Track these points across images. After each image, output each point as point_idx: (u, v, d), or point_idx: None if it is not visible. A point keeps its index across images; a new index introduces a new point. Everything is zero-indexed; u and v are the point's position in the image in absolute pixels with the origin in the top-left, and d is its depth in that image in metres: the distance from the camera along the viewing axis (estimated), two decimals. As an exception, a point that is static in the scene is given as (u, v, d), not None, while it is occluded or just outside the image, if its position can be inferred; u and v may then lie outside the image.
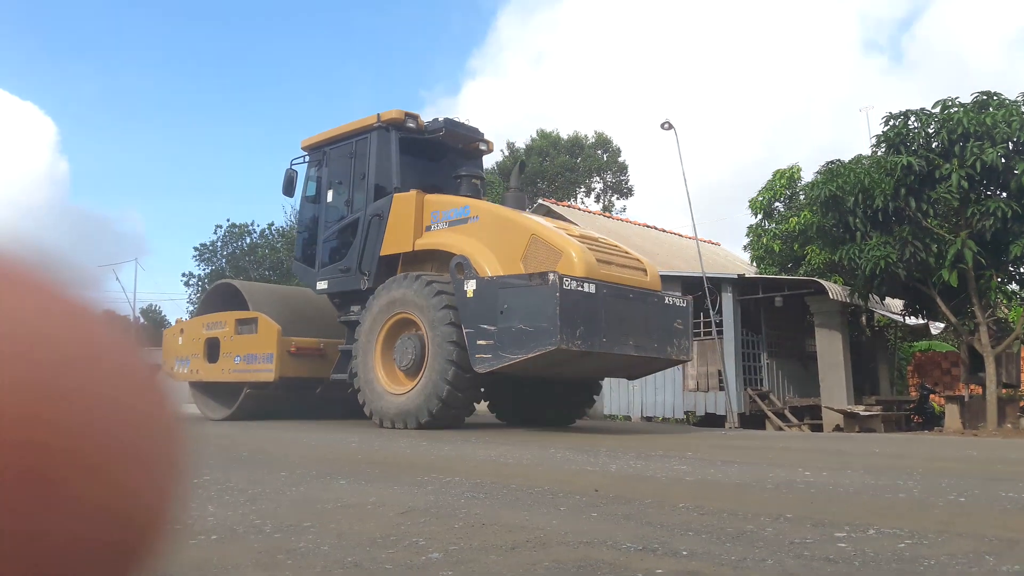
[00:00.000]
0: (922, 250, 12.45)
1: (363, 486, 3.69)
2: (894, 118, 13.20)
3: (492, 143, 10.72)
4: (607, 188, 35.68)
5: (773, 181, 17.46)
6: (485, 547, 2.36)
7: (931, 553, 2.23)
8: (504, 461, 4.88)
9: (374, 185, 9.52)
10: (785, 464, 4.73)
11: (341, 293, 9.75)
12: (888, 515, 2.86)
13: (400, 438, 6.82)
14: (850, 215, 13.21)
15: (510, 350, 7.28)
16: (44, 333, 0.26)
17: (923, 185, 12.65)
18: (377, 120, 9.64)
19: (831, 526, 2.63)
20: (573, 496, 3.31)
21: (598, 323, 7.36)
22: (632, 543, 2.38)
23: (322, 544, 2.40)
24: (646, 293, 8.17)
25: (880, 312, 15.95)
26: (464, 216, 8.61)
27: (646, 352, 7.97)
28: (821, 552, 2.26)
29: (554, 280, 7.04)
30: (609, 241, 8.94)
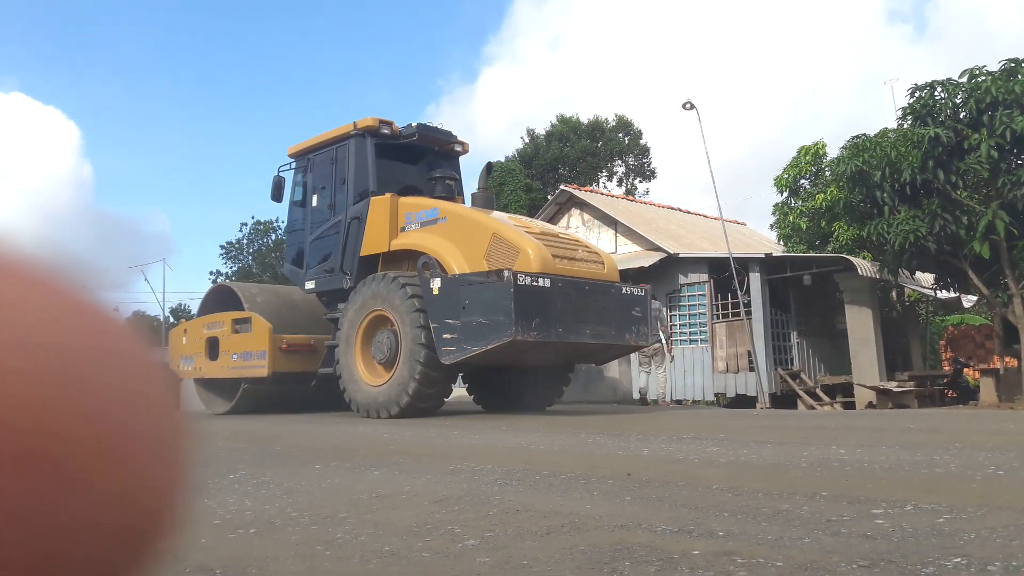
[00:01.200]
0: (952, 222, 12.25)
1: (396, 476, 3.72)
2: (920, 89, 12.97)
3: (467, 144, 11.22)
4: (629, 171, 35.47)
5: (798, 158, 17.24)
6: (520, 533, 2.37)
7: (971, 527, 2.20)
8: (534, 448, 4.90)
9: (353, 189, 10.07)
10: (818, 442, 4.70)
11: (328, 292, 10.27)
12: (925, 490, 2.83)
13: (429, 427, 6.87)
14: (877, 190, 13.02)
15: (472, 342, 7.86)
16: (54, 325, 0.26)
17: (952, 156, 12.43)
18: (354, 128, 10.18)
19: (867, 503, 2.61)
20: (605, 480, 3.31)
21: (553, 314, 7.91)
22: (667, 525, 2.38)
23: (359, 534, 2.43)
24: (603, 284, 8.70)
25: (910, 287, 15.74)
26: (434, 217, 9.17)
27: (604, 339, 8.53)
28: (858, 529, 2.24)
29: (508, 277, 7.64)
30: (571, 236, 9.63)
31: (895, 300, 16.23)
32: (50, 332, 0.26)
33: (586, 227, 18.09)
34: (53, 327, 0.26)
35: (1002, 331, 13.59)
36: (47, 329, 0.26)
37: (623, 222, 17.11)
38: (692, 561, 1.97)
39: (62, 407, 0.25)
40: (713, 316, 15.25)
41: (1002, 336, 13.66)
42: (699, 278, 15.49)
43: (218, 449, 5.26)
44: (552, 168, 32.57)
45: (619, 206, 18.87)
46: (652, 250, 16.06)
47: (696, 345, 15.41)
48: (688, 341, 15.56)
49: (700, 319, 15.43)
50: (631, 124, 35.51)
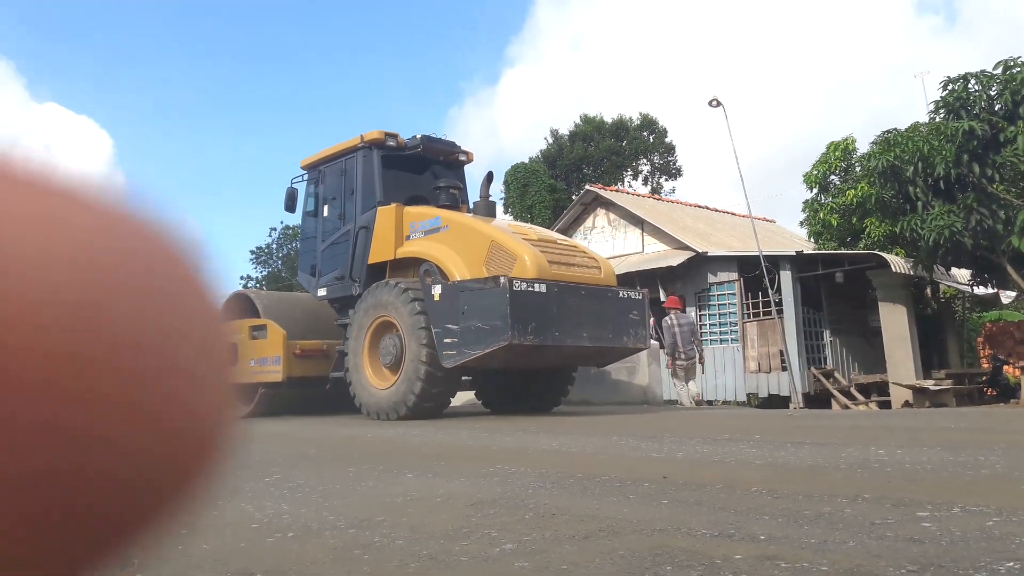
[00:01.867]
0: (989, 217, 12.03)
1: (430, 479, 3.72)
2: (953, 82, 12.76)
3: (472, 154, 11.46)
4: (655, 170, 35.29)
5: (827, 154, 17.03)
6: (558, 537, 2.35)
7: (1023, 531, 2.14)
8: (568, 451, 4.87)
9: (361, 199, 10.42)
10: (857, 443, 4.62)
11: (338, 299, 10.60)
12: (972, 492, 2.77)
13: (460, 430, 6.86)
14: (910, 185, 12.83)
15: (471, 346, 8.13)
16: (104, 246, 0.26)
17: (987, 149, 12.20)
18: (360, 141, 10.57)
19: (912, 505, 2.56)
20: (641, 484, 3.28)
21: (549, 318, 8.14)
22: (707, 529, 2.35)
23: (396, 538, 2.42)
24: (600, 289, 8.93)
25: (946, 283, 15.48)
26: (437, 226, 9.48)
27: (601, 342, 8.75)
28: (904, 532, 2.19)
29: (504, 283, 7.91)
30: (569, 242, 9.88)
31: (930, 297, 15.97)
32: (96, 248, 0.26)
33: (612, 227, 18.02)
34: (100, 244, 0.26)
35: (1042, 327, 13.31)
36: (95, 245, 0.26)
37: (649, 221, 17.02)
38: (735, 565, 1.94)
39: (101, 328, 0.25)
40: (743, 315, 15.11)
41: (1042, 332, 13.38)
42: (728, 277, 15.36)
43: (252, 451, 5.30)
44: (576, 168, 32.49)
45: (645, 205, 18.77)
46: (680, 249, 15.96)
47: (727, 345, 15.28)
48: (718, 341, 15.43)
49: (730, 318, 15.29)
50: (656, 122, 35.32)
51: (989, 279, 14.02)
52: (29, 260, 0.24)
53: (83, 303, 0.25)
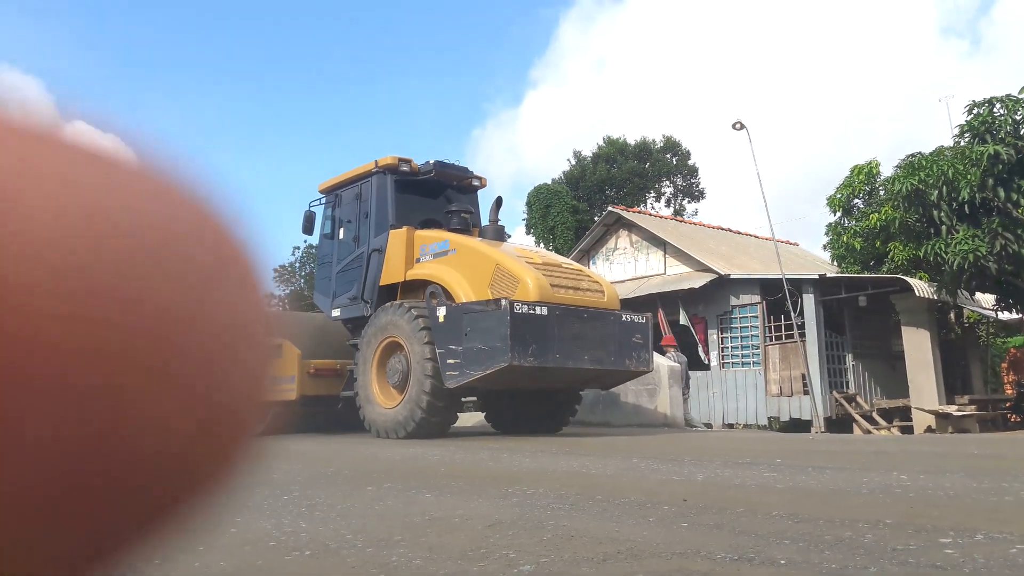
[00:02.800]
0: (1014, 241, 11.91)
1: (448, 499, 3.72)
2: (978, 106, 12.69)
3: (484, 179, 11.69)
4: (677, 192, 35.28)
5: (851, 177, 16.95)
6: (576, 559, 2.35)
7: (1047, 559, 2.11)
8: (587, 472, 4.85)
9: (375, 223, 10.69)
10: (879, 468, 4.57)
11: (351, 319, 10.83)
12: (995, 519, 2.73)
13: (480, 450, 6.86)
14: (934, 209, 12.74)
15: (472, 367, 8.27)
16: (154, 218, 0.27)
17: (1012, 174, 12.10)
18: (375, 166, 10.85)
19: (934, 531, 2.53)
20: (661, 506, 3.26)
21: (551, 341, 8.28)
22: (727, 553, 2.33)
23: (414, 558, 2.43)
24: (602, 312, 9.07)
25: (970, 308, 15.30)
26: (445, 249, 9.71)
27: (603, 365, 8.87)
28: (927, 559, 2.17)
29: (506, 305, 8.06)
30: (574, 266, 9.99)
31: (953, 322, 15.79)
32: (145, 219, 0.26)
33: (634, 248, 18.00)
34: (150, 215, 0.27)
35: (1069, 353, 13.11)
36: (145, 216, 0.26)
37: (672, 243, 16.99)
38: (754, 590, 1.93)
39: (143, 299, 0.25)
40: (766, 338, 15.00)
41: (1069, 359, 13.17)
42: (751, 299, 15.28)
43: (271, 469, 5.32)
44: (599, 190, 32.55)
45: (667, 227, 18.74)
46: (702, 271, 15.90)
47: (748, 368, 15.17)
48: (740, 364, 15.33)
49: (752, 341, 15.19)
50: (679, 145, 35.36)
51: (1014, 304, 13.84)
52: (75, 226, 0.25)
53: (128, 273, 0.25)
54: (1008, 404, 15.18)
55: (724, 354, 15.52)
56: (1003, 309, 14.41)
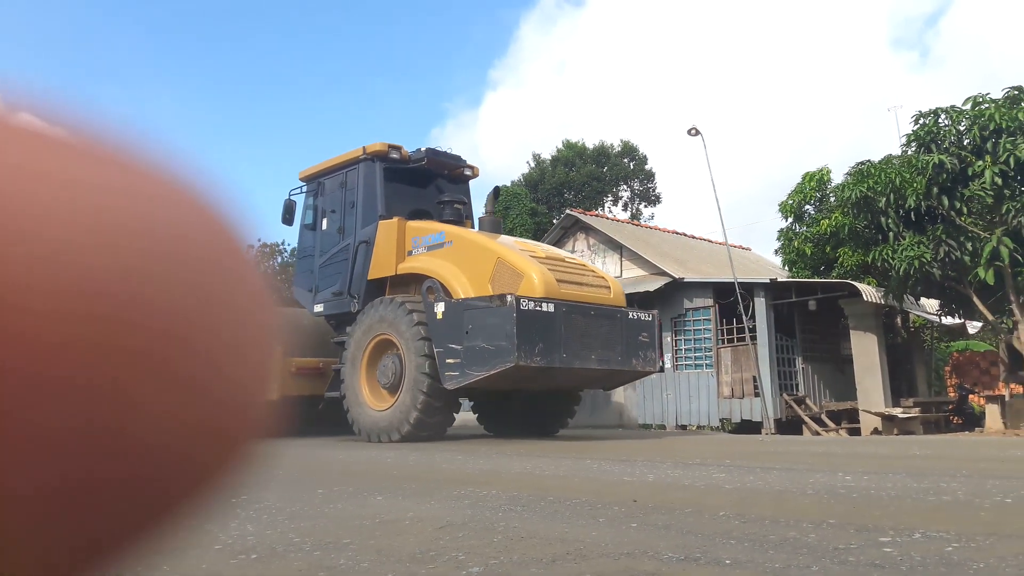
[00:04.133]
0: (957, 248, 12.26)
1: (400, 501, 3.70)
2: (924, 116, 13.04)
3: (477, 168, 11.13)
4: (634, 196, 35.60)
5: (802, 184, 17.28)
6: (525, 560, 2.36)
7: (980, 556, 2.18)
8: (540, 473, 4.87)
9: (362, 213, 10.10)
10: (825, 469, 4.66)
11: (336, 315, 10.28)
12: (933, 518, 2.81)
13: (434, 453, 6.83)
14: (882, 216, 13.05)
15: (474, 367, 7.81)
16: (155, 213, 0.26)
17: (956, 183, 12.46)
18: (363, 152, 10.23)
19: (875, 531, 2.59)
20: (611, 507, 3.29)
21: (557, 339, 7.86)
22: (673, 553, 2.36)
23: (361, 561, 2.41)
24: (609, 309, 8.61)
25: (915, 313, 15.70)
26: (440, 241, 9.18)
27: (610, 365, 8.42)
28: (866, 557, 2.22)
29: (511, 301, 7.58)
30: (576, 261, 9.49)
31: (900, 326, 16.19)
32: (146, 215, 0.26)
33: (591, 251, 18.11)
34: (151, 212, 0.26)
35: (1007, 357, 13.55)
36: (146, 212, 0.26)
37: (628, 246, 17.14)
38: (699, 589, 1.96)
39: (147, 297, 0.25)
40: (718, 341, 15.21)
41: (1007, 363, 13.61)
42: (704, 303, 15.47)
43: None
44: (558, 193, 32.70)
45: (624, 230, 18.90)
46: (657, 274, 16.06)
47: (701, 370, 15.36)
48: (693, 366, 15.51)
49: (705, 344, 15.39)
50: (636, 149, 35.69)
51: (956, 310, 14.25)
52: (82, 225, 0.24)
53: (132, 273, 0.25)
54: (950, 407, 15.61)
55: (678, 356, 15.70)
56: (946, 314, 14.82)
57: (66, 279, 0.24)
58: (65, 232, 0.24)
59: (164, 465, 0.27)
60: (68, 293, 0.24)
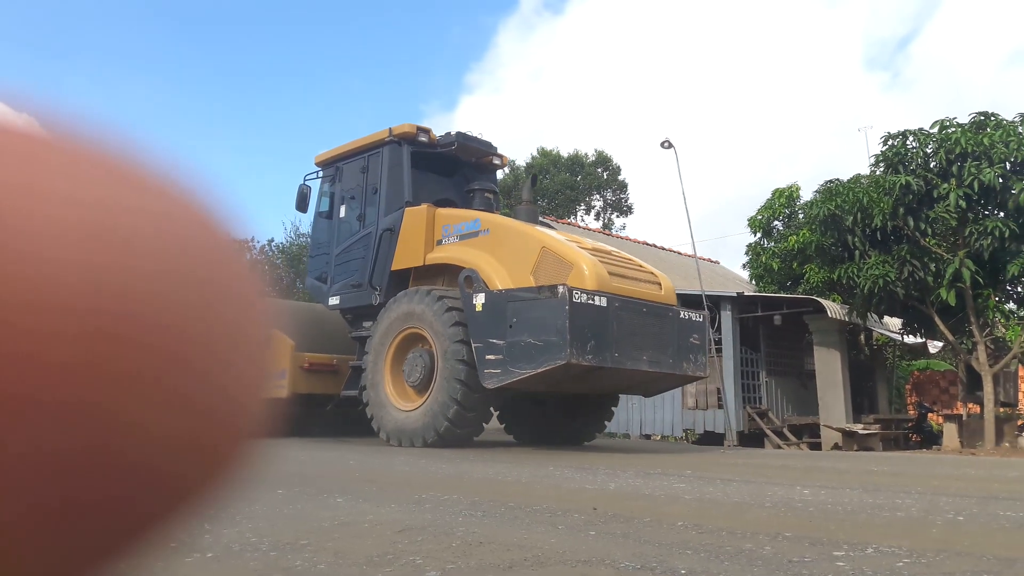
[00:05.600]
0: (920, 269, 12.49)
1: (360, 504, 3.68)
2: (892, 138, 13.29)
3: (506, 158, 10.53)
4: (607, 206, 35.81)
5: (772, 200, 17.52)
6: (482, 566, 2.36)
7: (929, 572, 2.22)
8: (503, 479, 4.87)
9: (386, 200, 9.43)
10: (784, 482, 4.72)
11: (353, 309, 9.62)
12: (886, 534, 2.85)
13: (398, 456, 6.80)
14: (848, 234, 13.26)
15: (519, 365, 7.14)
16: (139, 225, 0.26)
17: (921, 204, 12.71)
18: (389, 134, 9.55)
19: (829, 544, 2.63)
20: (571, 514, 3.30)
21: (609, 337, 7.20)
22: (630, 561, 2.37)
23: (319, 562, 2.39)
24: (661, 307, 7.99)
25: (878, 331, 15.96)
26: (475, 230, 8.52)
27: (661, 368, 7.79)
28: (819, 571, 2.25)
29: (564, 293, 6.93)
30: (622, 254, 8.83)
31: (863, 343, 16.44)
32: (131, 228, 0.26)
33: (561, 259, 18.16)
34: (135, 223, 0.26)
35: (966, 377, 13.83)
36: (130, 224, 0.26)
37: (598, 256, 17.20)
38: (653, 599, 1.97)
39: (143, 316, 0.25)
40: (684, 352, 15.32)
41: (965, 382, 13.89)
42: (672, 314, 15.57)
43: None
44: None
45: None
46: (626, 285, 16.15)
47: (667, 381, 15.45)
48: (659, 376, 15.60)
49: (671, 355, 15.48)
50: (610, 160, 35.91)
51: (918, 329, 14.52)
52: (65, 240, 0.24)
53: (116, 284, 0.25)
54: (910, 424, 15.89)
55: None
56: (908, 333, 15.09)
57: (57, 296, 0.24)
58: (60, 249, 0.24)
59: (154, 481, 0.26)
60: (62, 311, 0.24)
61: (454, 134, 9.79)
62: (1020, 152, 12.00)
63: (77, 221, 0.25)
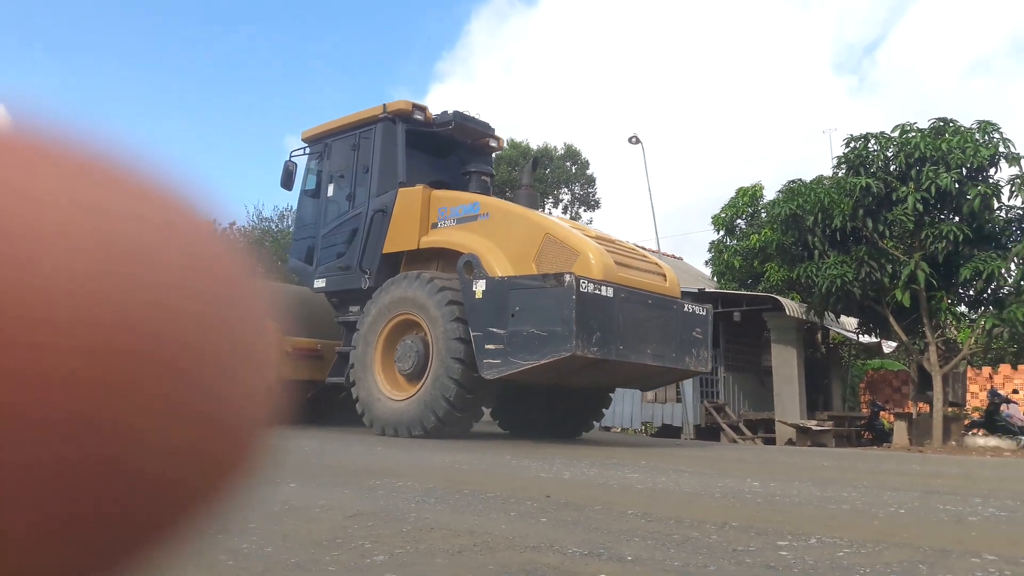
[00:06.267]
0: (877, 270, 12.73)
1: (313, 489, 3.66)
2: (855, 140, 13.50)
3: (503, 140, 10.18)
4: (575, 200, 35.89)
5: (736, 198, 17.72)
6: (431, 551, 2.36)
7: (867, 562, 2.28)
8: (458, 466, 4.88)
9: (378, 179, 9.05)
10: (735, 474, 4.79)
11: (340, 292, 9.29)
12: (830, 525, 2.92)
13: (355, 443, 6.78)
14: (809, 234, 13.46)
15: (521, 356, 6.88)
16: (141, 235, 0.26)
17: (880, 207, 12.94)
18: (383, 111, 9.18)
19: (774, 535, 2.68)
20: (524, 502, 3.32)
21: (614, 329, 6.97)
22: (578, 548, 2.40)
23: (266, 546, 2.38)
24: (666, 299, 7.79)
25: (835, 329, 16.25)
26: (474, 213, 8.18)
27: (664, 362, 7.58)
28: (762, 559, 2.29)
29: (571, 281, 6.68)
30: (627, 244, 8.60)
31: (820, 341, 16.73)
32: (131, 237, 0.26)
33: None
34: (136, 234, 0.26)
35: (917, 377, 14.14)
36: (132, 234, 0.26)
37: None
38: (598, 584, 1.99)
39: (135, 321, 0.25)
40: (645, 346, 15.47)
41: (917, 382, 14.21)
42: (634, 308, 15.70)
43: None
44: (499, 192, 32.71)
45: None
46: (590, 278, 16.23)
47: (627, 374, 15.59)
48: (619, 370, 15.73)
49: (632, 349, 15.61)
50: (579, 154, 35.98)
51: (874, 329, 14.81)
52: (68, 248, 0.24)
53: (119, 294, 0.24)
54: (862, 422, 16.21)
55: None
56: (864, 332, 15.38)
57: (63, 307, 0.23)
58: (63, 258, 0.24)
59: (157, 494, 0.26)
60: (67, 322, 0.23)
61: (451, 113, 9.40)
62: (976, 158, 12.27)
63: (80, 229, 0.24)
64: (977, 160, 12.27)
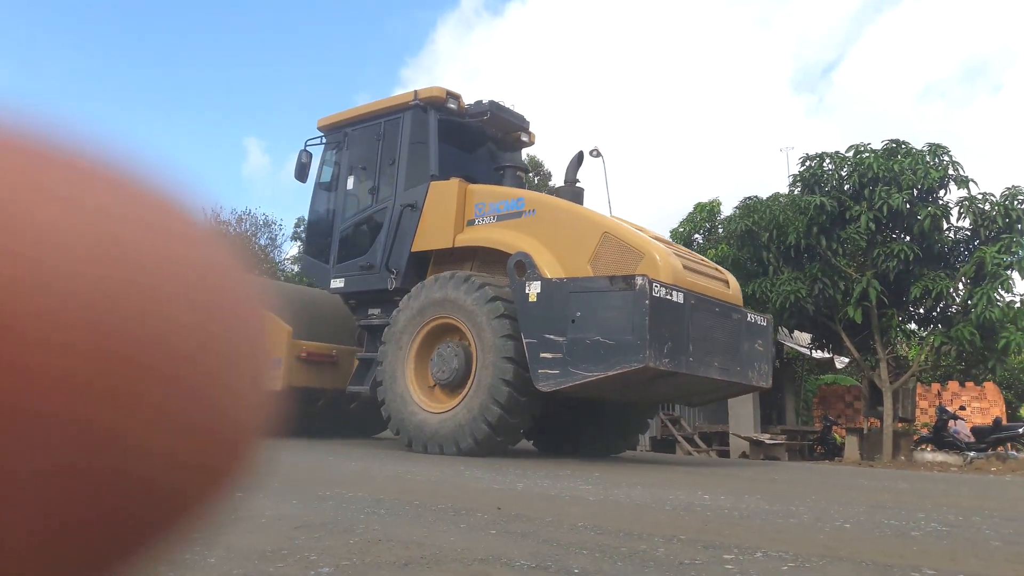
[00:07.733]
0: (830, 287, 12.99)
1: (261, 499, 3.60)
2: (810, 159, 13.78)
3: (535, 135, 9.49)
4: (535, 210, 36.02)
5: (694, 213, 17.93)
6: (377, 563, 2.33)
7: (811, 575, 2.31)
8: (410, 477, 4.84)
9: (406, 171, 8.36)
10: (686, 487, 4.83)
11: (360, 293, 8.63)
12: (776, 539, 2.95)
13: (306, 452, 6.69)
14: (764, 250, 13.69)
15: (583, 366, 6.28)
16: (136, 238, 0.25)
17: (834, 225, 13.22)
18: (414, 98, 8.48)
19: (721, 548, 2.70)
20: (475, 514, 3.30)
21: (685, 339, 6.42)
22: (526, 560, 2.39)
23: (209, 556, 2.33)
24: (730, 308, 7.20)
25: (789, 344, 16.51)
26: (518, 209, 7.52)
27: (729, 376, 6.99)
28: (708, 573, 2.31)
29: (643, 285, 6.10)
30: (683, 248, 8.18)
31: (774, 356, 16.97)
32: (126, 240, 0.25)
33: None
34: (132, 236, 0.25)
35: (868, 393, 14.43)
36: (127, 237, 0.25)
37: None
38: (543, 597, 1.99)
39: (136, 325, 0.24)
40: (603, 359, 15.53)
41: (868, 397, 14.49)
42: (592, 320, 15.76)
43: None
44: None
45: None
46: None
47: (584, 386, 15.62)
48: (577, 381, 15.76)
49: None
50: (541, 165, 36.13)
51: (827, 344, 15.08)
52: (62, 251, 0.23)
53: (118, 299, 0.24)
54: (815, 436, 16.47)
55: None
56: (817, 348, 15.65)
57: (58, 310, 0.23)
58: (67, 259, 0.23)
59: (150, 499, 0.26)
60: (65, 324, 0.23)
61: (487, 103, 8.73)
62: (927, 180, 12.60)
63: (82, 232, 0.24)
64: (927, 182, 12.61)
